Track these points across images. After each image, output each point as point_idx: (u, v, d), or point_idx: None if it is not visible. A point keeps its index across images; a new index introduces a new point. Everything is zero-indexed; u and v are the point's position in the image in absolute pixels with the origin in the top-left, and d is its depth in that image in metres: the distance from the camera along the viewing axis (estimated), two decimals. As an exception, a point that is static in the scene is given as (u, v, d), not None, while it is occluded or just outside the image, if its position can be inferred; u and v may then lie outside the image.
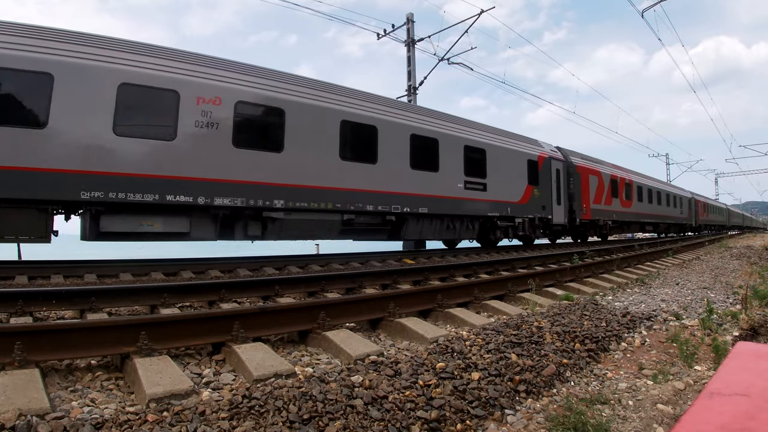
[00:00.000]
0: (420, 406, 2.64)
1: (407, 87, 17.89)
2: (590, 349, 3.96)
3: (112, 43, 8.04)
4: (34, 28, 7.52)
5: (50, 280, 6.83)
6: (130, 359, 3.02)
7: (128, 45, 8.18)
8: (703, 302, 6.14)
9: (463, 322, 4.73)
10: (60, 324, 3.25)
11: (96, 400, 2.66)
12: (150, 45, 8.53)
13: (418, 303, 5.07)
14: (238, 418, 2.32)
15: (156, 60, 8.30)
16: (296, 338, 4.07)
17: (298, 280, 6.41)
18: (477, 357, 3.37)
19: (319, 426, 2.34)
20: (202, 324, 3.52)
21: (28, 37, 7.28)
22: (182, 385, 2.71)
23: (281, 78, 9.86)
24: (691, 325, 4.95)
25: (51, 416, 2.30)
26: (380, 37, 18.25)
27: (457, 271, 8.24)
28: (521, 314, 5.06)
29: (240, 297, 5.65)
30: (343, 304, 4.47)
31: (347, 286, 6.59)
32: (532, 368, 3.34)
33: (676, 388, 3.20)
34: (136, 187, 7.77)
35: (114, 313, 4.87)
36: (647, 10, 17.71)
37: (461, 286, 5.96)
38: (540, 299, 6.05)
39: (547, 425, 2.63)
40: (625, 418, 2.79)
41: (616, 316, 5.01)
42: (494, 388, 2.96)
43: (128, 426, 2.21)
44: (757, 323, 4.68)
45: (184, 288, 5.36)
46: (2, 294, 4.46)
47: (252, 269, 8.60)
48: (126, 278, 7.18)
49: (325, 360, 3.55)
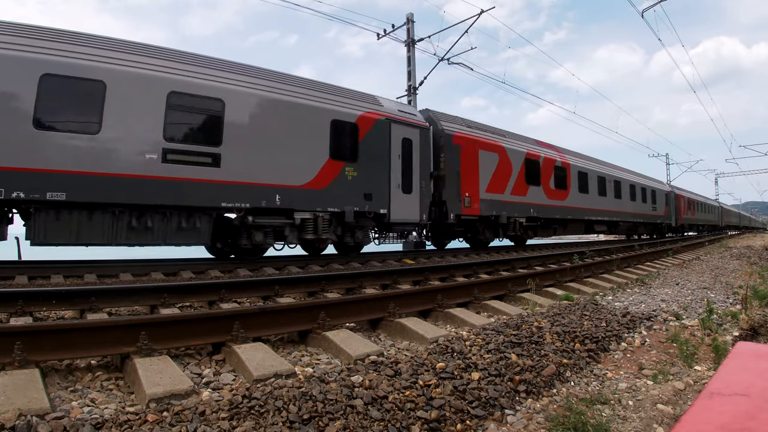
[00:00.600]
0: (420, 406, 2.64)
1: (407, 87, 17.91)
2: (590, 349, 3.96)
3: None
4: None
5: (50, 280, 6.83)
6: (130, 359, 3.02)
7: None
8: (703, 302, 6.14)
9: (463, 322, 4.73)
10: (60, 324, 3.25)
11: (96, 400, 2.66)
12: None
13: (418, 303, 5.07)
14: (238, 418, 2.32)
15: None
16: (296, 338, 4.07)
17: (298, 280, 6.41)
18: (477, 357, 3.37)
19: (319, 426, 2.34)
20: (202, 324, 3.52)
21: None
22: (182, 385, 2.71)
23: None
24: (691, 325, 4.95)
25: (51, 416, 2.30)
26: (380, 37, 18.26)
27: (457, 271, 8.24)
28: (521, 314, 5.06)
29: (240, 297, 5.65)
30: (343, 304, 4.47)
31: (347, 286, 6.59)
32: (532, 368, 3.34)
33: (676, 388, 3.20)
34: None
35: (114, 313, 4.87)
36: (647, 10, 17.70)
37: (461, 286, 5.97)
38: (540, 299, 6.05)
39: (547, 425, 2.63)
40: (625, 418, 2.79)
41: (616, 316, 5.01)
42: (494, 388, 2.96)
43: (128, 426, 2.21)
44: (757, 323, 4.68)
45: (184, 288, 5.36)
46: (2, 294, 4.46)
47: (252, 269, 8.60)
48: (126, 278, 7.18)
49: (325, 360, 3.55)
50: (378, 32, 18.31)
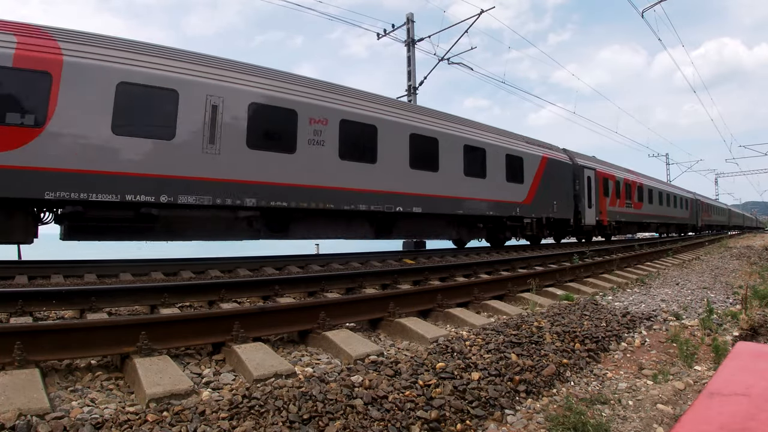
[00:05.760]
0: (420, 406, 2.64)
1: (407, 87, 17.90)
2: (590, 349, 3.96)
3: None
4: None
5: (50, 280, 6.83)
6: (130, 359, 3.01)
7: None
8: (703, 302, 6.14)
9: (463, 322, 4.73)
10: (60, 324, 3.25)
11: (96, 400, 2.66)
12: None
13: (418, 303, 5.07)
14: (238, 418, 2.32)
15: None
16: (296, 338, 4.07)
17: (298, 280, 6.41)
18: (477, 357, 3.37)
19: (319, 426, 2.34)
20: (202, 324, 3.52)
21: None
22: (182, 385, 2.71)
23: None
24: (691, 325, 4.95)
25: (51, 416, 2.30)
26: (380, 37, 18.26)
27: (457, 271, 8.24)
28: (521, 314, 5.06)
29: (240, 297, 5.64)
30: (343, 304, 4.47)
31: (347, 286, 6.59)
32: (532, 368, 3.34)
33: (676, 388, 3.20)
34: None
35: (114, 313, 4.87)
36: (647, 10, 17.72)
37: (461, 286, 5.96)
38: (540, 299, 6.05)
39: (547, 425, 2.63)
40: (625, 418, 2.79)
41: (616, 316, 5.01)
42: (494, 388, 2.96)
43: (128, 426, 2.21)
44: (757, 323, 4.68)
45: (184, 288, 5.36)
46: (2, 294, 4.46)
47: (252, 269, 8.59)
48: (126, 278, 7.18)
49: (325, 360, 3.55)
50: (378, 32, 18.32)
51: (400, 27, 18.05)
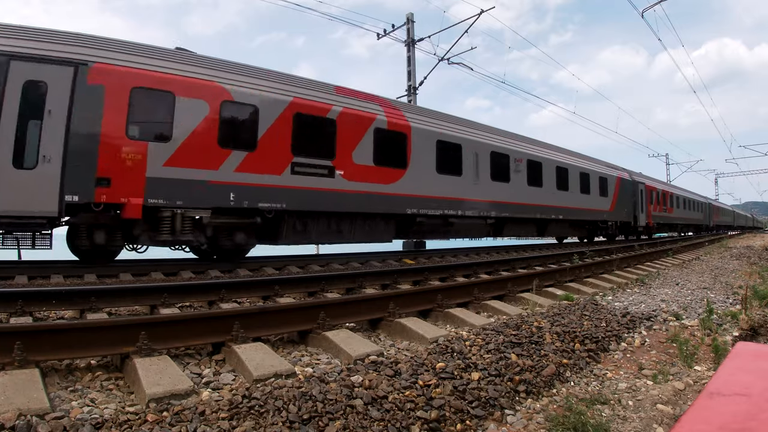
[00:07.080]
0: (420, 406, 2.64)
1: (407, 87, 17.90)
2: (590, 349, 3.96)
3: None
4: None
5: (50, 280, 6.82)
6: (129, 359, 3.01)
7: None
8: (703, 302, 6.14)
9: (463, 322, 4.73)
10: (60, 324, 3.25)
11: (96, 400, 2.66)
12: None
13: (418, 303, 5.07)
14: (238, 418, 2.32)
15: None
16: (296, 338, 4.07)
17: (298, 280, 6.41)
18: (477, 357, 3.37)
19: (319, 426, 2.34)
20: (202, 324, 3.52)
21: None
22: (182, 385, 2.71)
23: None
24: (691, 325, 4.95)
25: (51, 416, 2.30)
26: (380, 38, 18.26)
27: (457, 271, 8.24)
28: (521, 314, 5.06)
29: (240, 297, 5.64)
30: (343, 304, 4.47)
31: (347, 286, 6.59)
32: (532, 368, 3.34)
33: (676, 388, 3.20)
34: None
35: (114, 313, 4.87)
36: (647, 10, 17.73)
37: (461, 286, 5.96)
38: (540, 299, 6.05)
39: (547, 425, 2.63)
40: (625, 418, 2.79)
41: (615, 316, 5.01)
42: (494, 388, 2.96)
43: (128, 426, 2.21)
44: (757, 323, 4.68)
45: (184, 288, 5.36)
46: (2, 294, 4.46)
47: (252, 269, 8.59)
48: (126, 278, 7.18)
49: (325, 360, 3.55)
50: (378, 32, 18.32)
51: (400, 27, 18.06)
